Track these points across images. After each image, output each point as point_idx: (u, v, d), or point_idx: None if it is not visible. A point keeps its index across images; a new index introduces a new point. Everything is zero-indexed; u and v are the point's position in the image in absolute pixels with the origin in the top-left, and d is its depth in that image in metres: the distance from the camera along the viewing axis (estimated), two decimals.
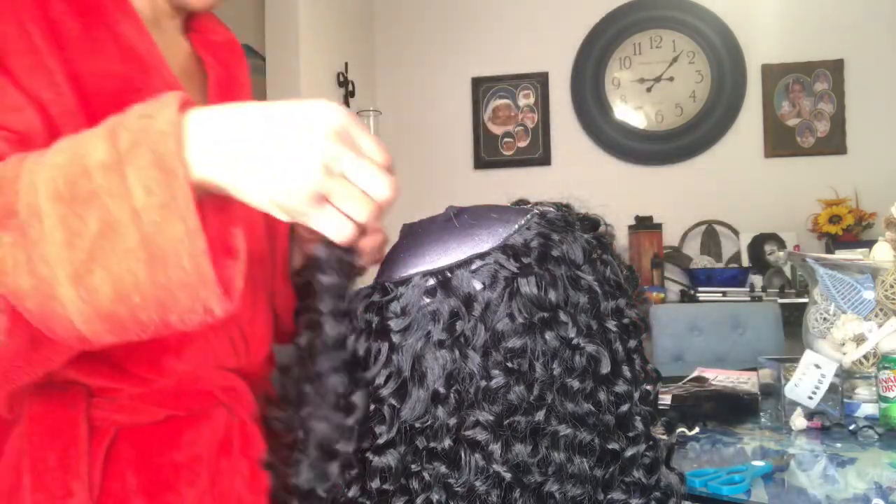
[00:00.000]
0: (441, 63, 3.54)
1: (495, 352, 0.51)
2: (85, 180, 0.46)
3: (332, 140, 0.47)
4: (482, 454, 0.50)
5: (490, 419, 0.50)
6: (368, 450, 0.52)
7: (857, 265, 1.41)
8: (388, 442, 0.51)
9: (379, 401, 0.52)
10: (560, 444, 0.51)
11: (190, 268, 0.46)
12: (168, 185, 0.46)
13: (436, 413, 0.50)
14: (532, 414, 0.50)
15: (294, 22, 2.76)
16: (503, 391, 0.50)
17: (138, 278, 0.46)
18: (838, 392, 1.29)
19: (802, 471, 1.10)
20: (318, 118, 0.47)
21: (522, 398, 0.50)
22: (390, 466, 0.51)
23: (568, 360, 0.52)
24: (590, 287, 0.54)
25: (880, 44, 3.14)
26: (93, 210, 0.46)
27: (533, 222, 0.56)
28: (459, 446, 0.50)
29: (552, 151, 3.46)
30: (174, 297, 0.47)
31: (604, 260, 0.57)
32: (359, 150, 0.48)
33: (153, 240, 0.46)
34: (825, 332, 1.43)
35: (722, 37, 3.27)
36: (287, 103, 0.49)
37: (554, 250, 0.54)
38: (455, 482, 0.50)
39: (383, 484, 0.51)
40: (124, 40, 0.63)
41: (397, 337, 0.53)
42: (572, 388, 0.51)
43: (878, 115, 3.15)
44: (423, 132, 3.53)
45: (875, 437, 1.21)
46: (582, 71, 3.41)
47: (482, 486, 0.50)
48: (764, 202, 3.19)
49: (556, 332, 0.52)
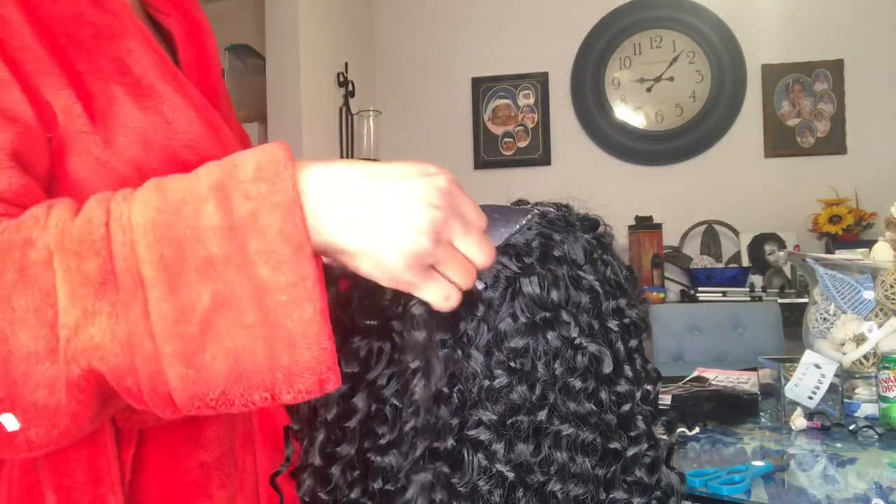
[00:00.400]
0: (441, 63, 3.54)
1: (498, 351, 0.51)
2: (197, 246, 0.42)
3: (442, 209, 0.45)
4: (485, 454, 0.50)
5: (493, 419, 0.50)
6: (370, 450, 0.52)
7: (857, 265, 1.42)
8: (390, 442, 0.51)
9: (381, 401, 0.52)
10: (562, 444, 0.51)
11: (317, 351, 0.43)
12: (298, 263, 0.42)
13: (438, 413, 0.50)
14: (534, 413, 0.51)
15: (294, 22, 2.76)
16: (506, 391, 0.51)
17: (257, 358, 0.43)
18: (838, 392, 1.29)
19: (802, 471, 1.10)
20: (429, 185, 0.45)
21: (525, 398, 0.51)
22: (392, 466, 0.51)
23: (570, 359, 0.52)
24: (591, 287, 0.54)
25: (880, 44, 3.14)
26: (207, 281, 0.42)
27: (534, 222, 0.56)
28: (462, 446, 0.51)
29: (552, 151, 3.46)
30: (297, 379, 0.44)
31: (604, 260, 0.57)
32: (464, 216, 0.47)
33: (278, 320, 0.42)
34: (825, 332, 1.43)
35: (722, 37, 3.27)
36: (396, 166, 0.47)
37: (555, 250, 0.54)
38: (458, 482, 0.50)
39: (385, 484, 0.51)
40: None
41: (399, 337, 0.53)
42: (574, 387, 0.52)
43: (878, 115, 3.15)
44: (423, 132, 3.53)
45: (875, 437, 1.21)
46: (582, 71, 3.41)
47: (485, 486, 0.50)
48: (764, 202, 3.20)
49: (558, 331, 0.52)
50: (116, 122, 0.57)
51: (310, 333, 0.43)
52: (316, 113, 2.90)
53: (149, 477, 0.59)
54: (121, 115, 0.57)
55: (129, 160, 0.57)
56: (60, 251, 0.43)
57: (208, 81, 0.73)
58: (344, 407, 0.53)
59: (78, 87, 0.55)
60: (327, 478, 0.53)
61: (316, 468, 0.54)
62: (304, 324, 0.43)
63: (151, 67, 0.62)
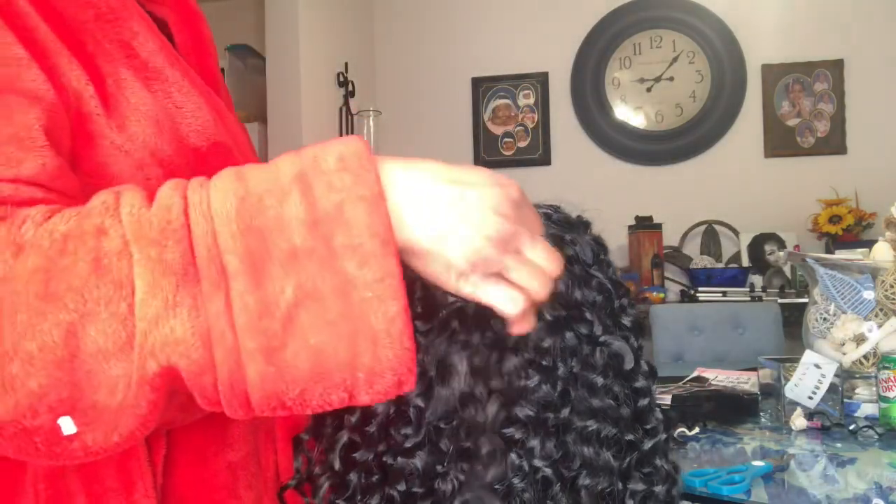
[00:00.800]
0: (441, 63, 3.54)
1: (525, 350, 0.52)
2: (280, 238, 0.41)
3: (512, 219, 0.46)
4: (519, 451, 0.51)
5: (530, 415, 0.51)
6: (388, 453, 0.52)
7: (857, 265, 1.42)
8: (416, 444, 0.51)
9: (403, 402, 0.52)
10: (588, 439, 0.52)
11: (399, 350, 0.42)
12: (384, 259, 0.41)
13: (464, 413, 0.51)
14: (559, 410, 0.52)
15: (294, 22, 2.77)
16: (534, 389, 0.51)
17: (339, 356, 0.41)
18: (838, 392, 1.29)
19: (802, 471, 1.10)
20: (503, 195, 0.46)
21: (550, 395, 0.51)
22: (418, 468, 0.51)
23: (591, 356, 0.53)
24: (602, 285, 0.56)
25: (880, 44, 3.14)
26: (290, 275, 0.41)
27: (542, 223, 0.57)
28: (495, 445, 0.51)
29: (552, 151, 3.46)
30: (378, 379, 0.42)
31: (607, 261, 0.58)
32: (531, 227, 0.48)
33: (363, 316, 0.41)
34: (825, 332, 1.43)
35: (722, 37, 3.27)
36: (471, 172, 0.47)
37: (567, 250, 0.55)
38: (493, 480, 0.51)
39: (410, 487, 0.51)
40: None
41: (421, 338, 0.52)
42: (597, 384, 0.53)
43: (878, 115, 3.15)
44: (423, 132, 3.53)
45: (875, 437, 1.21)
46: (582, 71, 3.41)
47: (520, 483, 0.50)
48: (764, 202, 3.20)
49: (577, 329, 0.53)
50: (128, 105, 0.55)
51: (393, 332, 0.42)
52: (316, 113, 2.90)
53: (178, 480, 0.57)
54: (131, 98, 0.55)
55: (142, 144, 0.55)
56: (138, 240, 0.40)
57: (207, 68, 0.71)
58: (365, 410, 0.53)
59: (88, 69, 0.53)
60: (346, 483, 0.53)
61: (335, 473, 0.54)
62: (388, 322, 0.41)
63: (157, 51, 0.60)
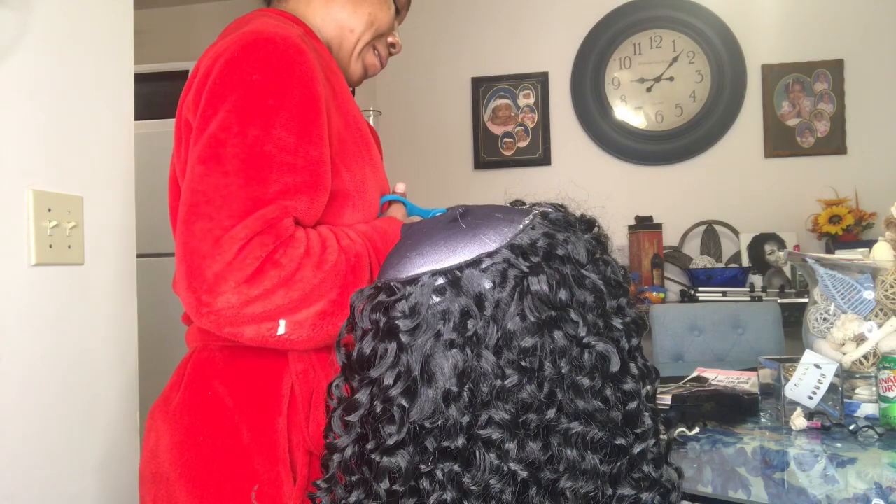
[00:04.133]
0: (441, 63, 3.54)
1: (507, 351, 0.51)
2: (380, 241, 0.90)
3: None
4: (497, 452, 0.50)
5: (505, 417, 0.50)
6: (374, 451, 0.52)
7: (857, 265, 1.41)
8: (398, 442, 0.51)
9: (388, 401, 0.52)
10: (572, 441, 0.51)
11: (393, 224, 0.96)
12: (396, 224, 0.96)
13: (448, 412, 0.51)
14: (544, 412, 0.51)
15: None
16: (516, 389, 0.51)
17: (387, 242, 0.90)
18: (838, 392, 1.29)
19: (802, 471, 1.10)
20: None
21: (534, 396, 0.51)
22: (400, 467, 0.51)
23: (577, 357, 0.52)
24: (595, 286, 0.55)
25: (880, 44, 3.14)
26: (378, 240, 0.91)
27: (536, 222, 0.56)
28: (474, 445, 0.51)
29: (552, 151, 3.46)
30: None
31: (604, 260, 0.58)
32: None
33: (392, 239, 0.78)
34: (825, 332, 1.43)
35: (722, 37, 3.27)
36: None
37: (559, 249, 0.55)
38: (470, 481, 0.50)
39: (393, 485, 0.51)
40: (350, 114, 0.97)
41: (406, 337, 0.53)
42: (582, 385, 0.52)
43: (878, 115, 3.15)
44: (423, 132, 3.53)
45: (875, 437, 1.21)
46: (582, 71, 3.41)
47: (497, 485, 0.50)
48: (764, 202, 3.20)
49: (565, 330, 0.52)
50: (369, 197, 0.95)
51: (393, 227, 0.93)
52: None
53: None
54: (368, 193, 0.95)
55: (362, 218, 0.94)
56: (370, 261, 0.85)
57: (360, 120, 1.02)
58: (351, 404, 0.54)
59: (352, 172, 0.92)
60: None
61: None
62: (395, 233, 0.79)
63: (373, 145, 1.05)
